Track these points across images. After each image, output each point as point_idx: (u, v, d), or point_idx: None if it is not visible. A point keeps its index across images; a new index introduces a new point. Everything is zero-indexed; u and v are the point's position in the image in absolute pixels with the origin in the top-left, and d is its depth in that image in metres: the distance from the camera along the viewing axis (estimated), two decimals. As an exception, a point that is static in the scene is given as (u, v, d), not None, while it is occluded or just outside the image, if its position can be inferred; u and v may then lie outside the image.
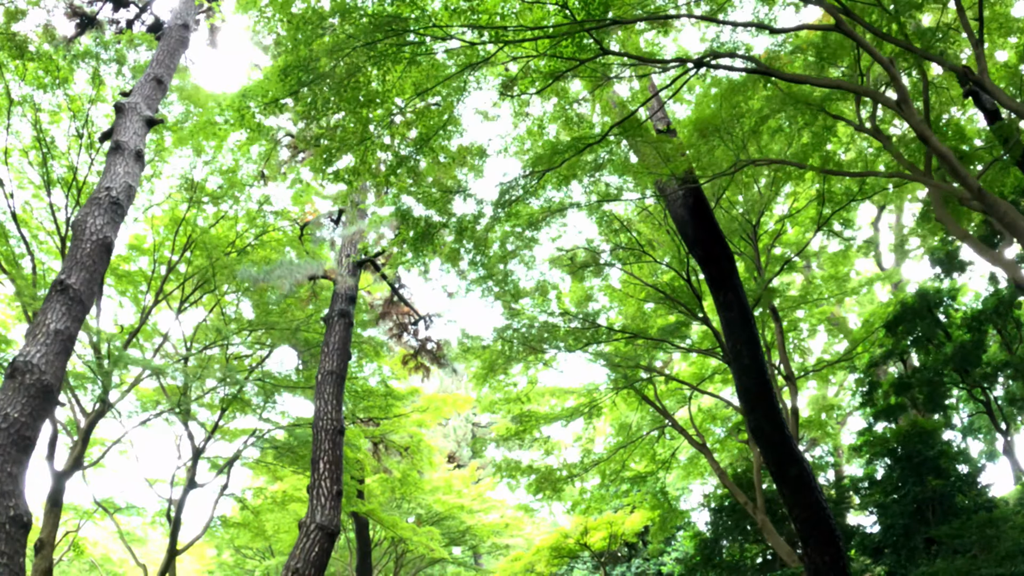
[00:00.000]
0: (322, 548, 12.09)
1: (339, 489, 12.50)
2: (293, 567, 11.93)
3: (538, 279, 16.68)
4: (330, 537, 12.21)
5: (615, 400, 18.59)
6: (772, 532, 16.36)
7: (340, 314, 13.78)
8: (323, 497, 12.40)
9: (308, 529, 12.19)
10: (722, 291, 13.75)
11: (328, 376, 13.15)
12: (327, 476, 12.51)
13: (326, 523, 12.19)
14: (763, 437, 13.28)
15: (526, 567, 20.64)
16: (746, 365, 13.65)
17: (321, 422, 12.81)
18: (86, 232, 10.69)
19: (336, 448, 12.69)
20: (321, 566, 12.04)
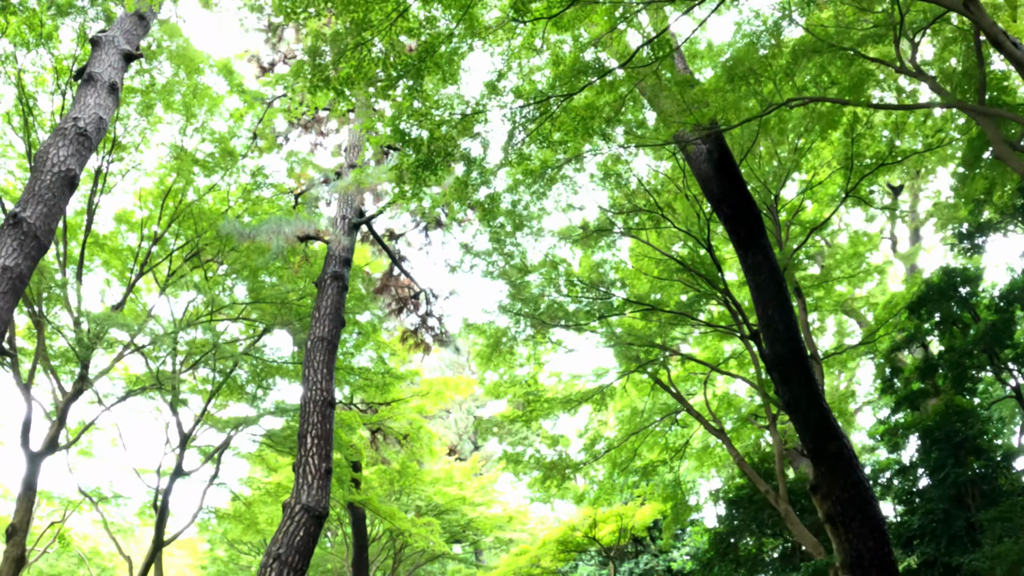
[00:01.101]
0: (308, 532, 10.29)
1: (328, 467, 10.71)
2: (275, 553, 10.12)
3: (547, 251, 14.96)
4: (317, 520, 10.40)
5: (625, 386, 16.81)
6: (796, 522, 14.53)
7: (333, 276, 12.07)
8: (310, 475, 10.62)
9: (293, 511, 10.40)
10: (750, 252, 12.06)
11: (318, 343, 11.42)
12: (315, 452, 10.73)
13: (313, 504, 10.40)
14: (798, 410, 11.56)
15: (531, 561, 18.76)
16: (779, 331, 11.92)
17: (310, 393, 11.06)
18: (47, 163, 9.03)
19: (326, 421, 10.93)
20: (307, 552, 10.23)
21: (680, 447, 17.21)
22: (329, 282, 12.03)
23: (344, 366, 14.76)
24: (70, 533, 22.11)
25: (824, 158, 16.28)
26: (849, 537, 11.26)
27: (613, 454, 16.70)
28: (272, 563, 10.07)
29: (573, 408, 16.33)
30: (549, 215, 15.00)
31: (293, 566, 10.05)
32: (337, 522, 22.75)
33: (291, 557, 10.07)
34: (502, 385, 16.12)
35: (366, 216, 12.91)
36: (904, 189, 22.54)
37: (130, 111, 16.17)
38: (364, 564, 18.97)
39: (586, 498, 17.70)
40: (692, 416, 15.76)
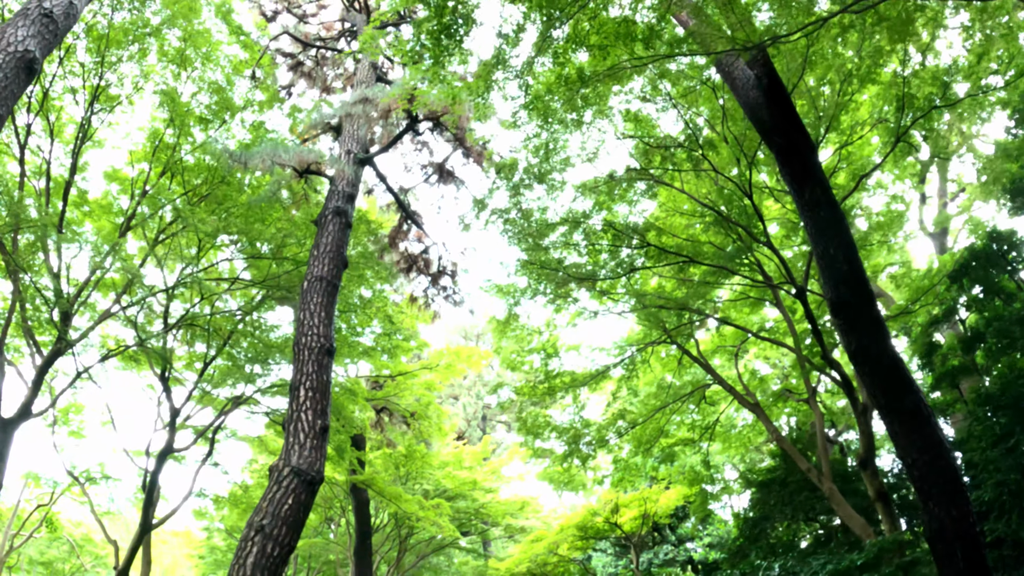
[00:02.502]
0: (298, 500, 8.06)
1: (324, 425, 8.51)
2: (257, 524, 7.90)
3: (569, 207, 12.84)
4: (309, 486, 8.17)
5: (649, 360, 14.64)
6: (842, 502, 12.36)
7: (335, 212, 9.97)
8: (302, 433, 8.41)
9: (280, 474, 8.20)
10: (807, 186, 9.94)
11: (316, 283, 9.28)
12: (309, 407, 8.54)
13: (305, 467, 8.18)
14: (868, 361, 9.38)
15: (549, 548, 16.47)
16: (843, 272, 9.76)
17: (304, 339, 8.89)
18: (2, 42, 7.00)
19: (323, 371, 8.75)
20: (296, 524, 7.99)
21: (710, 424, 14.97)
22: (330, 218, 9.91)
23: (347, 325, 12.57)
24: (59, 517, 19.83)
25: (861, 116, 14.27)
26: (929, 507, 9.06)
27: (638, 431, 14.49)
28: (254, 536, 7.86)
29: (596, 382, 14.15)
30: (572, 167, 12.92)
31: (279, 540, 7.84)
32: (340, 510, 20.48)
33: (277, 529, 7.86)
34: (520, 354, 13.92)
35: (373, 151, 10.81)
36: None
37: (122, 55, 14.13)
38: (367, 552, 16.69)
39: (609, 478, 15.48)
40: (724, 389, 13.59)
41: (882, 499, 12.34)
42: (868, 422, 12.17)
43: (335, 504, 20.18)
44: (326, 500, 19.97)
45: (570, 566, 17.49)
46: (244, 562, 7.81)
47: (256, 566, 7.75)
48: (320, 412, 8.55)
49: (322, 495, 19.95)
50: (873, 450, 12.19)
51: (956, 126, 14.87)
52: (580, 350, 14.50)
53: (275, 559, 7.84)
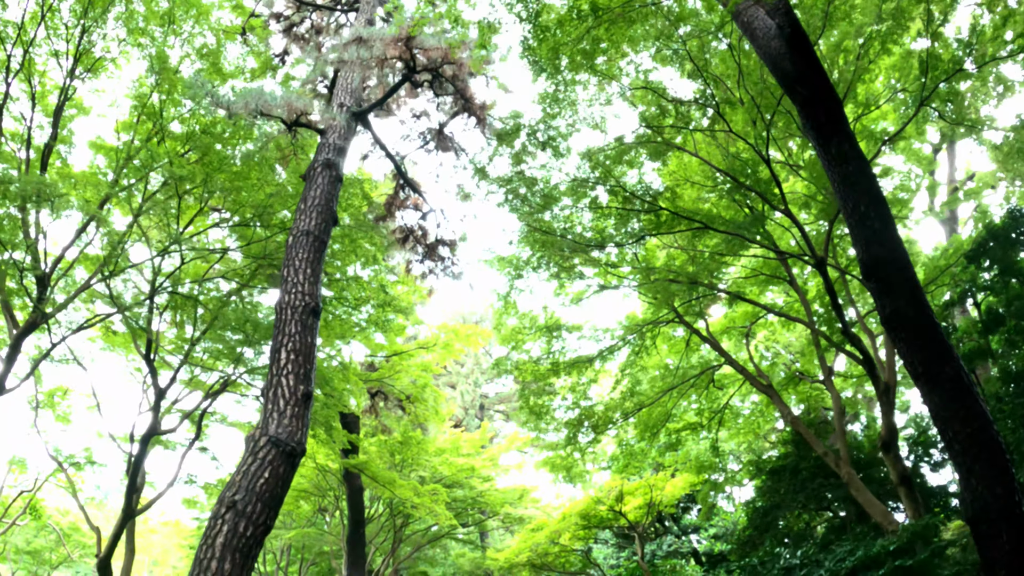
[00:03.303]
0: (275, 473, 6.94)
1: (307, 391, 7.40)
2: (228, 500, 6.78)
3: (573, 176, 11.75)
4: (288, 458, 7.04)
5: (655, 341, 13.56)
6: (861, 488, 11.29)
7: (325, 165, 8.88)
8: (282, 400, 7.29)
9: (256, 445, 7.08)
10: (834, 139, 8.92)
11: (302, 237, 8.19)
12: (290, 371, 7.42)
13: (284, 436, 7.06)
14: (904, 326, 8.34)
15: (550, 537, 15.31)
16: (876, 230, 8.71)
17: (287, 296, 7.78)
18: None
19: (307, 333, 7.63)
20: (273, 500, 6.87)
21: (719, 408, 13.86)
22: (319, 170, 8.81)
23: (336, 294, 11.39)
24: (45, 506, 18.60)
25: (876, 90, 13.26)
26: (971, 484, 7.98)
27: (644, 414, 13.39)
28: (224, 513, 6.73)
29: (602, 360, 13.05)
30: (578, 131, 11.85)
31: (252, 518, 6.71)
32: (333, 499, 19.30)
33: (251, 506, 6.74)
34: (521, 332, 12.80)
35: (368, 105, 9.73)
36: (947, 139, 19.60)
37: (108, 17, 13.01)
38: (360, 541, 15.53)
39: (614, 464, 14.36)
40: (735, 369, 12.51)
41: (905, 483, 11.29)
42: (891, 401, 11.12)
43: (329, 494, 19.02)
44: (319, 489, 18.81)
45: (571, 556, 16.36)
46: (213, 543, 6.68)
47: (226, 547, 6.61)
48: (303, 377, 7.43)
49: (315, 484, 18.79)
50: (896, 432, 11.13)
51: (978, 95, 13.91)
52: (584, 329, 13.41)
53: (248, 539, 6.69)
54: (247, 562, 6.68)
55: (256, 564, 23.10)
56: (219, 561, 6.54)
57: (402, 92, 11.75)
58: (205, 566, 6.57)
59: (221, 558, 6.56)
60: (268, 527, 6.88)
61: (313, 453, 17.66)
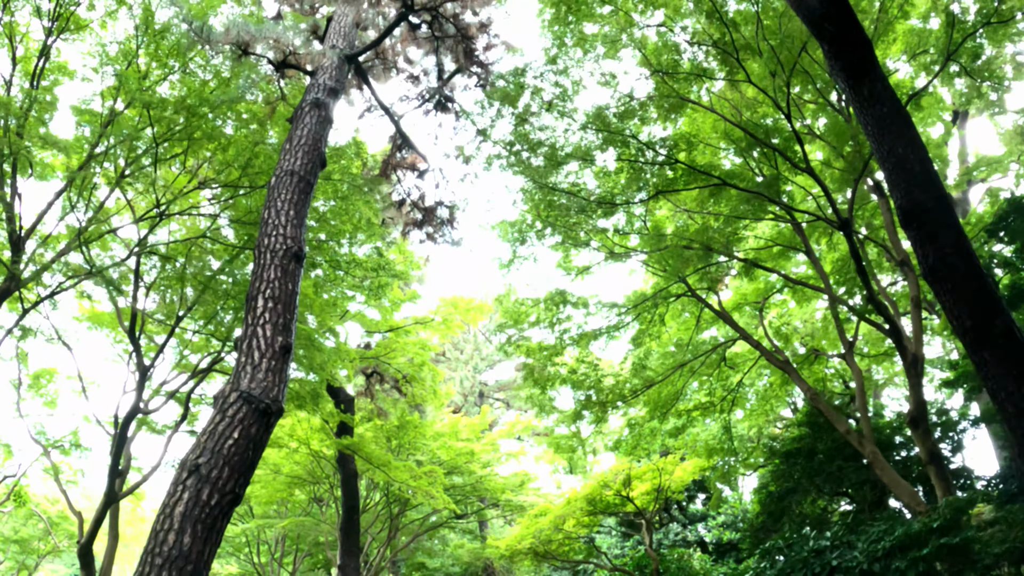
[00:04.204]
0: (246, 433, 5.87)
1: (287, 344, 6.30)
2: (191, 463, 5.72)
3: (578, 141, 10.69)
4: (262, 416, 5.96)
5: (664, 318, 12.49)
6: (886, 467, 10.24)
7: (313, 104, 7.83)
8: (257, 352, 6.20)
9: (225, 402, 6.00)
10: (865, 81, 7.92)
11: (286, 177, 7.13)
12: (267, 320, 6.33)
13: (257, 392, 5.97)
14: (951, 275, 7.26)
15: (554, 523, 14.17)
16: (915, 173, 7.68)
17: (267, 240, 6.69)
18: None
19: (288, 280, 6.54)
20: (243, 465, 5.80)
21: (732, 387, 12.77)
22: (307, 110, 7.75)
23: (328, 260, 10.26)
24: (30, 492, 17.42)
25: (895, 52, 12.27)
26: (1033, 459, 6.90)
27: (653, 392, 12.29)
28: (186, 479, 5.65)
29: (609, 337, 11.97)
30: (585, 89, 10.82)
31: (218, 484, 5.62)
32: (328, 487, 18.14)
33: (216, 470, 5.65)
34: (524, 305, 11.71)
35: (361, 47, 8.67)
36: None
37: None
38: (355, 529, 14.40)
39: (623, 445, 13.27)
40: (750, 344, 11.46)
41: (935, 461, 10.23)
42: (919, 373, 10.07)
43: (324, 481, 17.87)
44: (314, 476, 17.65)
45: (575, 544, 15.25)
46: (171, 512, 5.56)
47: (187, 517, 5.50)
48: (282, 327, 6.33)
49: (310, 471, 17.63)
50: (925, 406, 10.08)
51: (1000, 54, 12.94)
52: (590, 306, 12.34)
53: (213, 509, 5.57)
54: (211, 535, 5.55)
55: (251, 554, 21.88)
56: (177, 533, 5.42)
57: (401, 49, 10.70)
58: (161, 539, 5.45)
59: (180, 530, 5.44)
60: (237, 496, 5.76)
61: (307, 439, 16.55)
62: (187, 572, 5.32)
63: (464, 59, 9.74)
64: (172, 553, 5.33)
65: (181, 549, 5.36)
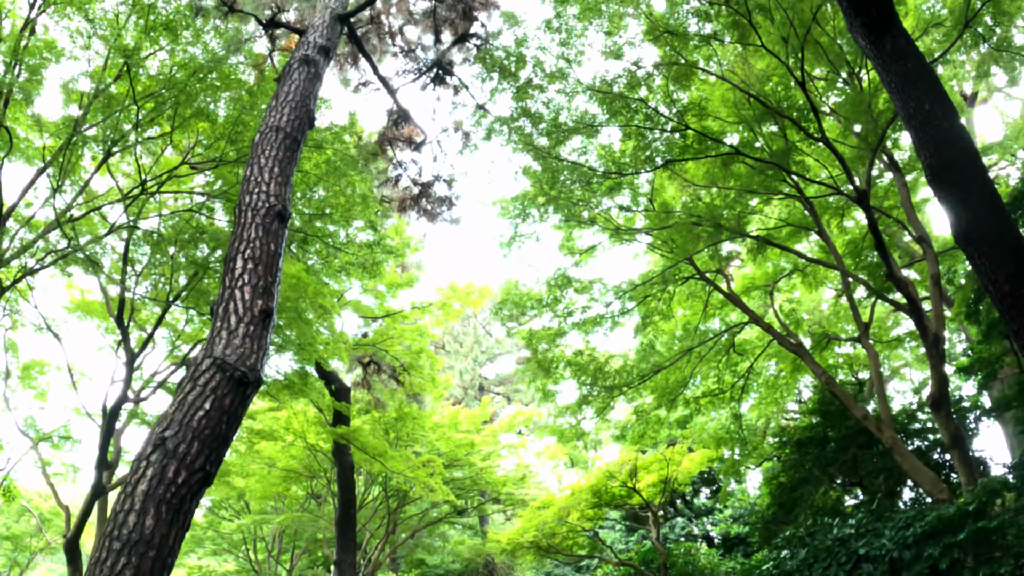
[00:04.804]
0: (219, 405, 5.19)
1: (267, 308, 5.64)
2: (156, 437, 5.03)
3: (581, 113, 10.03)
4: (238, 386, 5.29)
5: (670, 303, 11.82)
6: (906, 454, 9.55)
7: (302, 61, 7.19)
8: (234, 316, 5.54)
9: (197, 370, 5.33)
10: (888, 37, 7.29)
11: (271, 133, 6.47)
12: (247, 283, 5.65)
13: (233, 360, 5.29)
14: (985, 237, 6.61)
15: (559, 515, 13.43)
16: (944, 129, 7.02)
17: (249, 198, 6.03)
18: None
19: (270, 240, 5.87)
20: (215, 439, 5.10)
21: (742, 374, 12.08)
22: (296, 67, 7.11)
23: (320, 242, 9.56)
24: (21, 486, 16.71)
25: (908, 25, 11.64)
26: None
27: (660, 378, 11.59)
28: (150, 454, 4.97)
29: (613, 323, 11.29)
30: (589, 61, 10.18)
31: (186, 460, 4.93)
32: (326, 482, 17.40)
33: (185, 445, 4.96)
34: (528, 293, 11.02)
35: (355, 6, 8.03)
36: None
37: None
38: (351, 523, 13.67)
39: (629, 433, 12.57)
40: (762, 328, 10.80)
41: (958, 444, 9.54)
42: (940, 353, 9.41)
43: (321, 476, 17.13)
44: (311, 471, 16.91)
45: (579, 538, 14.50)
46: (133, 491, 4.85)
47: (150, 497, 4.79)
48: (262, 291, 5.64)
49: (306, 466, 16.90)
50: (947, 388, 9.40)
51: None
52: (594, 290, 11.67)
53: (180, 488, 4.87)
54: (178, 518, 4.83)
55: (248, 550, 21.09)
56: (139, 515, 4.70)
57: (397, 17, 10.06)
58: (120, 521, 4.73)
59: (142, 511, 4.72)
60: (208, 474, 5.05)
61: (304, 431, 15.82)
62: (148, 559, 4.60)
63: (462, 20, 9.09)
64: (132, 537, 4.61)
65: (142, 533, 4.65)
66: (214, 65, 8.66)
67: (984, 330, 13.50)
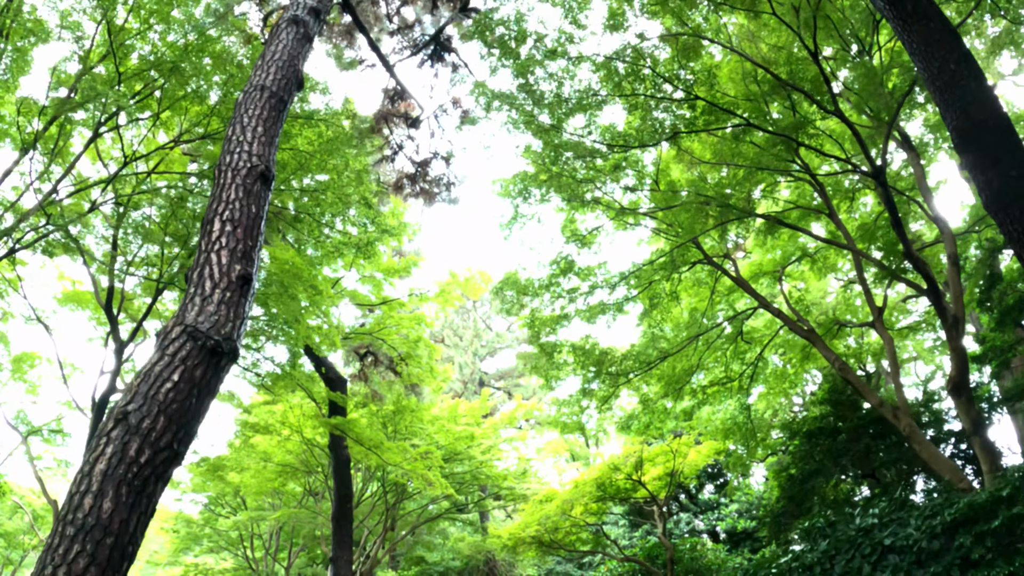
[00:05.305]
0: (188, 377, 4.60)
1: (246, 273, 5.09)
2: (119, 411, 4.41)
3: (584, 88, 9.49)
4: (210, 356, 4.70)
5: (676, 291, 11.27)
6: (924, 442, 9.03)
7: (291, 21, 6.68)
8: (208, 282, 4.97)
9: (167, 338, 4.75)
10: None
11: (255, 92, 5.96)
12: (224, 246, 5.11)
13: (206, 327, 4.72)
14: (1018, 202, 6.14)
15: (562, 508, 12.83)
16: (971, 89, 6.55)
17: (229, 157, 5.51)
18: None
19: (251, 201, 5.35)
20: (184, 414, 4.48)
21: (752, 361, 11.53)
22: (284, 27, 6.59)
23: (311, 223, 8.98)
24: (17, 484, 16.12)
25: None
26: None
27: (667, 366, 11.03)
28: (111, 430, 4.43)
29: (617, 311, 10.74)
30: (593, 35, 9.65)
31: (151, 438, 4.40)
32: (323, 478, 16.81)
33: (149, 420, 4.41)
34: (529, 280, 10.46)
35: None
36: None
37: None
38: (348, 518, 13.10)
39: (634, 423, 12.00)
40: (771, 313, 10.26)
41: (979, 431, 8.99)
42: (960, 335, 8.87)
43: (318, 472, 16.55)
44: (308, 467, 16.33)
45: (583, 533, 13.90)
46: (90, 471, 4.29)
47: (108, 478, 4.25)
48: (240, 255, 5.09)
49: (303, 461, 16.31)
50: (967, 371, 8.86)
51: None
52: (597, 276, 11.12)
53: (143, 468, 4.31)
54: (140, 501, 4.26)
55: (244, 548, 20.46)
56: (96, 497, 4.14)
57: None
58: (76, 504, 4.16)
59: (99, 492, 4.16)
60: (177, 453, 4.49)
61: (300, 426, 15.25)
62: (106, 546, 4.03)
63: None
64: (87, 522, 4.04)
65: (99, 517, 4.08)
66: (204, 42, 8.12)
67: (997, 317, 12.95)
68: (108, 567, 4.09)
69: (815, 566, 6.97)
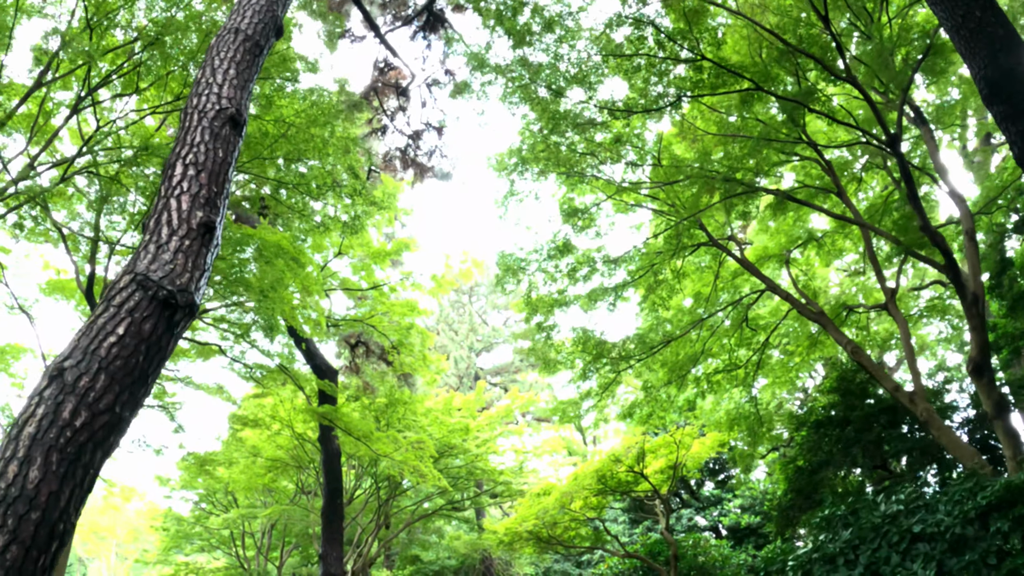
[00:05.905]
0: (136, 331, 3.98)
1: (209, 220, 4.45)
2: (54, 367, 3.76)
3: (580, 62, 8.96)
4: (163, 308, 4.07)
5: (679, 274, 10.69)
6: (942, 427, 8.47)
7: (266, -36, 5.99)
8: (166, 228, 4.33)
9: (115, 288, 4.06)
10: (928, -57, 6.35)
11: (228, 35, 5.41)
12: (185, 191, 4.49)
13: (158, 277, 4.04)
14: None
15: (561, 502, 12.18)
16: (999, 36, 6.06)
17: (197, 99, 4.92)
18: None
19: (218, 145, 4.73)
20: (128, 373, 3.82)
21: (758, 347, 10.94)
22: (261, -27, 5.98)
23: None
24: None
25: None
26: None
27: (670, 353, 10.43)
28: (44, 388, 3.87)
29: (617, 296, 10.15)
30: (593, 2, 9.11)
31: (88, 398, 3.81)
32: (315, 474, 16.13)
33: (87, 378, 3.83)
34: (525, 255, 9.88)
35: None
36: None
37: None
38: (338, 514, 12.43)
39: (636, 412, 11.39)
40: (779, 296, 9.70)
41: (1002, 414, 8.41)
42: (980, 314, 8.30)
43: (310, 468, 15.87)
44: (299, 462, 15.65)
45: (582, 529, 13.25)
46: (18, 434, 3.68)
47: (37, 442, 3.66)
48: (204, 201, 4.50)
49: (294, 457, 15.64)
50: (988, 351, 8.28)
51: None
52: (595, 258, 10.54)
53: (78, 432, 3.71)
54: (74, 471, 3.65)
55: (236, 547, 19.66)
56: (22, 464, 3.54)
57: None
58: (0, 471, 3.54)
59: (26, 459, 3.56)
60: (120, 418, 3.87)
61: (290, 420, 14.59)
62: (30, 522, 3.40)
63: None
64: (10, 492, 3.41)
65: (23, 487, 3.45)
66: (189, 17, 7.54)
67: (1008, 304, 12.40)
68: (33, 546, 3.44)
69: (838, 557, 6.34)
